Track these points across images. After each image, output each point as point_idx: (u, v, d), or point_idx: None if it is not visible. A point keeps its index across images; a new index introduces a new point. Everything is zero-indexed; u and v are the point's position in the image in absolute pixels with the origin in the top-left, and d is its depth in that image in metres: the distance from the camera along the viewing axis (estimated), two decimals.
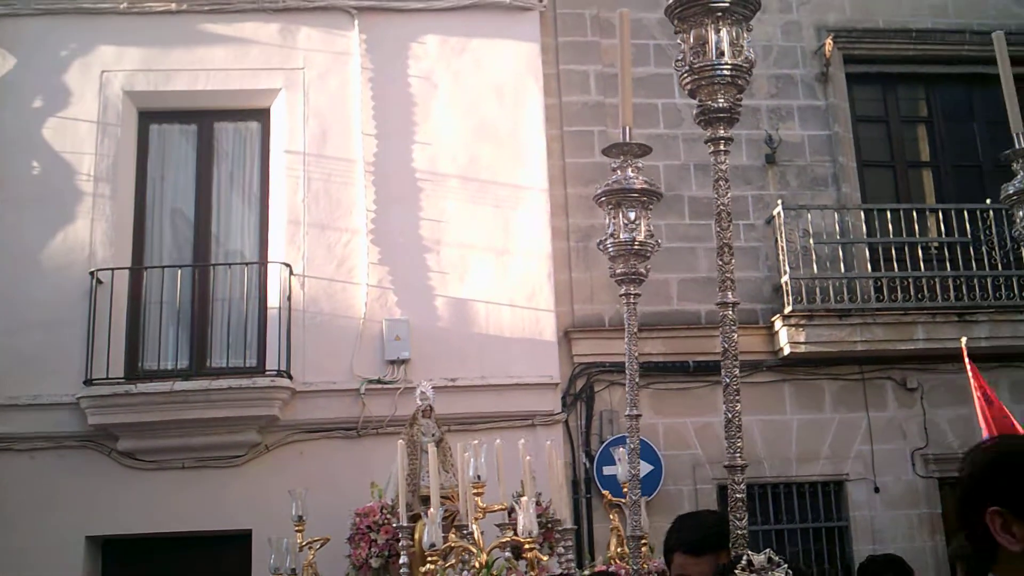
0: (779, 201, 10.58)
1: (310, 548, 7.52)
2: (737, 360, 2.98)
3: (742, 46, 3.02)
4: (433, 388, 8.28)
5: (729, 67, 2.98)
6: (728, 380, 2.94)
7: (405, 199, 10.37)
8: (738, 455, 2.88)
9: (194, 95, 10.62)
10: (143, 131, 10.70)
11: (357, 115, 10.55)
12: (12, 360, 9.63)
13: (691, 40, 3.03)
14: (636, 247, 4.11)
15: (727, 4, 2.96)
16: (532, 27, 10.95)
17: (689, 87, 3.05)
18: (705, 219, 10.59)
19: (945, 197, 11.30)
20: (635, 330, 4.16)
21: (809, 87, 11.33)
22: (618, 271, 4.24)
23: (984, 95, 11.55)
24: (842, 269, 10.49)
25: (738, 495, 2.85)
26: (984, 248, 10.54)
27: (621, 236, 4.05)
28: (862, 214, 10.79)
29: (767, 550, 2.55)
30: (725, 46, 2.97)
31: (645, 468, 8.54)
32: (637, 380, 4.18)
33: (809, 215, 10.45)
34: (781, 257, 10.42)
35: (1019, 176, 3.82)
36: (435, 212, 10.39)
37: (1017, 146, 3.83)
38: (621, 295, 4.36)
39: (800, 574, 2.94)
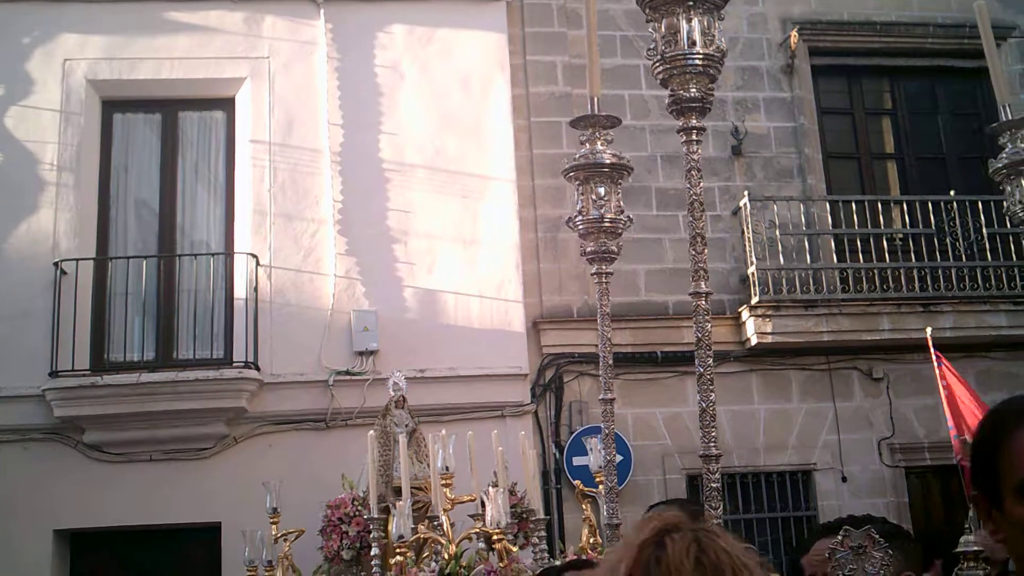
0: (745, 192, 10.64)
1: (285, 540, 7.47)
2: (711, 350, 2.97)
3: (714, 35, 3.02)
4: (411, 379, 8.22)
5: (701, 57, 2.97)
6: (702, 370, 2.94)
7: (372, 189, 10.32)
8: (713, 444, 2.89)
9: (158, 84, 10.51)
10: (107, 120, 10.58)
11: (323, 105, 10.49)
12: None
13: (663, 29, 3.02)
14: (607, 224, 4.03)
15: None
16: (499, 17, 10.92)
17: (661, 76, 3.04)
18: (672, 210, 10.64)
19: (910, 189, 11.41)
20: (607, 310, 4.10)
21: (775, 79, 11.38)
22: (588, 249, 4.16)
23: (948, 87, 11.67)
24: (808, 260, 10.55)
25: (713, 484, 2.85)
26: (948, 240, 10.64)
27: (591, 213, 3.96)
28: (828, 205, 10.87)
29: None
30: (697, 35, 2.97)
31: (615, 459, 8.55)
32: (611, 362, 4.14)
33: (775, 206, 10.51)
34: (748, 248, 10.48)
35: (1008, 149, 3.80)
36: (402, 202, 10.35)
37: (1004, 118, 3.81)
38: (593, 274, 4.29)
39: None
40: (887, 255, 10.67)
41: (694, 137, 3.09)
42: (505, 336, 10.12)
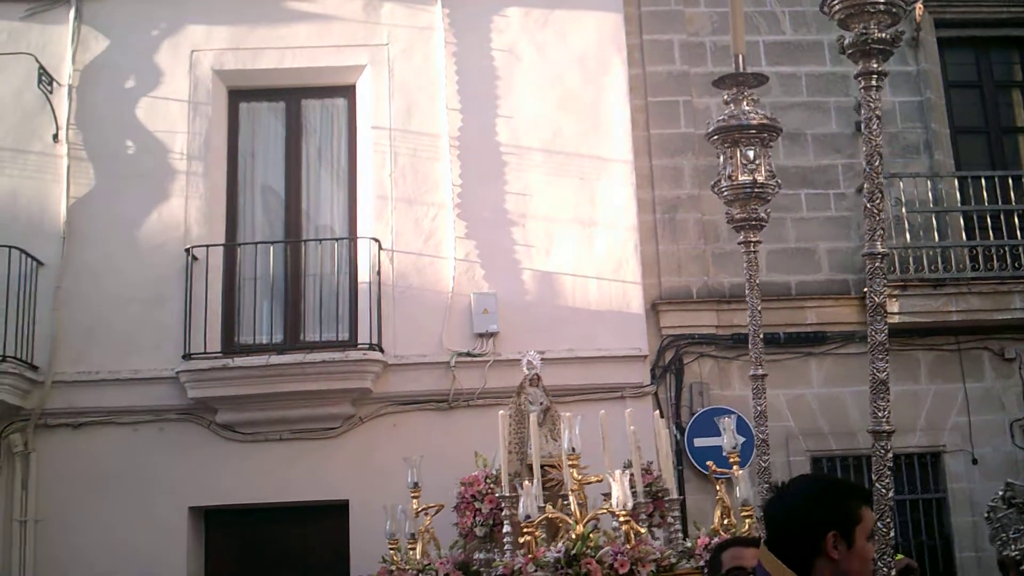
0: None
1: (426, 514, 7.58)
2: (885, 316, 2.88)
3: None
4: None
5: None
6: (875, 337, 2.84)
7: (490, 173, 10.39)
8: (885, 420, 2.82)
9: (281, 73, 10.74)
10: (233, 109, 10.86)
11: (441, 89, 10.59)
12: (113, 336, 9.91)
13: None
14: (756, 189, 3.88)
15: None
16: None
17: (839, 16, 2.92)
18: (794, 188, 10.46)
19: None
20: (756, 281, 3.97)
21: (899, 52, 10.95)
22: (736, 216, 4.01)
23: None
24: (936, 238, 10.30)
25: (884, 462, 2.80)
26: None
27: (739, 177, 3.83)
28: (956, 182, 10.60)
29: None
30: None
31: (738, 440, 8.47)
32: (761, 335, 4.02)
33: (901, 183, 10.26)
34: None
35: None
36: (520, 185, 10.40)
37: None
38: (740, 242, 4.14)
39: None
40: (1018, 232, 10.34)
41: (874, 83, 2.95)
42: (624, 318, 10.11)
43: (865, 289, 9.55)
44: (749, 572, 3.41)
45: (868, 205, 2.91)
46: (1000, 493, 6.55)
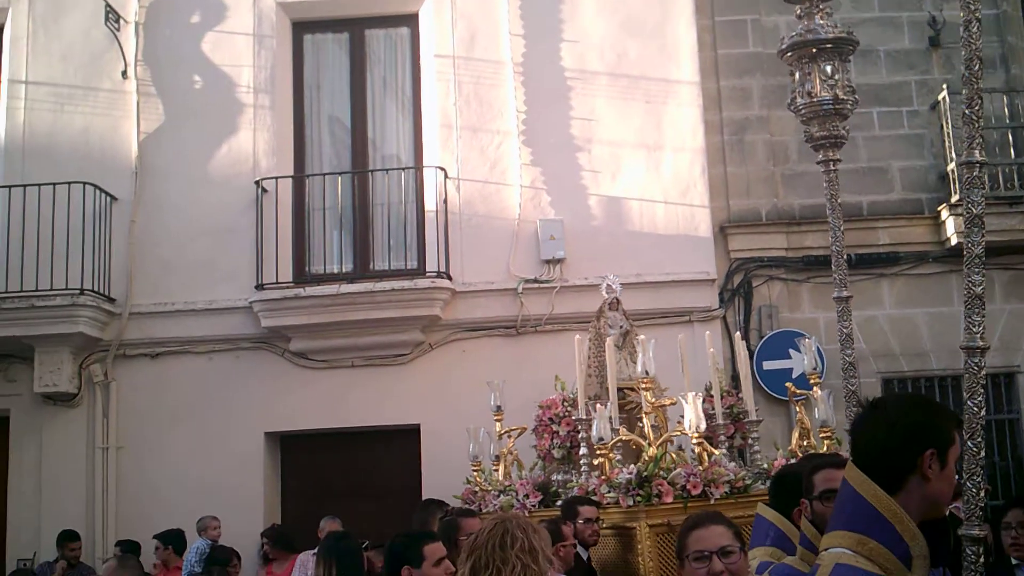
0: (944, 85, 10.15)
1: (508, 437, 7.69)
2: (982, 228, 2.82)
3: None
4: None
5: None
6: (972, 249, 2.79)
7: (555, 99, 10.32)
8: (979, 335, 2.80)
9: (344, 3, 10.76)
10: (297, 41, 10.91)
11: (504, 16, 10.49)
12: (187, 267, 10.12)
13: None
14: (835, 106, 3.75)
15: None
16: None
17: None
18: (866, 107, 10.20)
19: None
20: (838, 201, 3.85)
21: None
22: (816, 134, 3.89)
23: None
24: (1012, 155, 10.03)
25: (977, 379, 2.80)
26: None
27: (819, 93, 3.69)
28: None
29: None
30: None
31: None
32: (844, 257, 3.92)
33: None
34: (947, 144, 10.04)
35: None
36: (585, 111, 10.32)
37: None
38: (819, 162, 4.03)
39: None
40: None
41: None
42: (692, 241, 10.05)
43: (931, 212, 9.29)
44: None
45: (967, 111, 2.84)
46: None
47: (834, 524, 2.56)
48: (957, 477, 2.69)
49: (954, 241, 9.84)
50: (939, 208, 10.03)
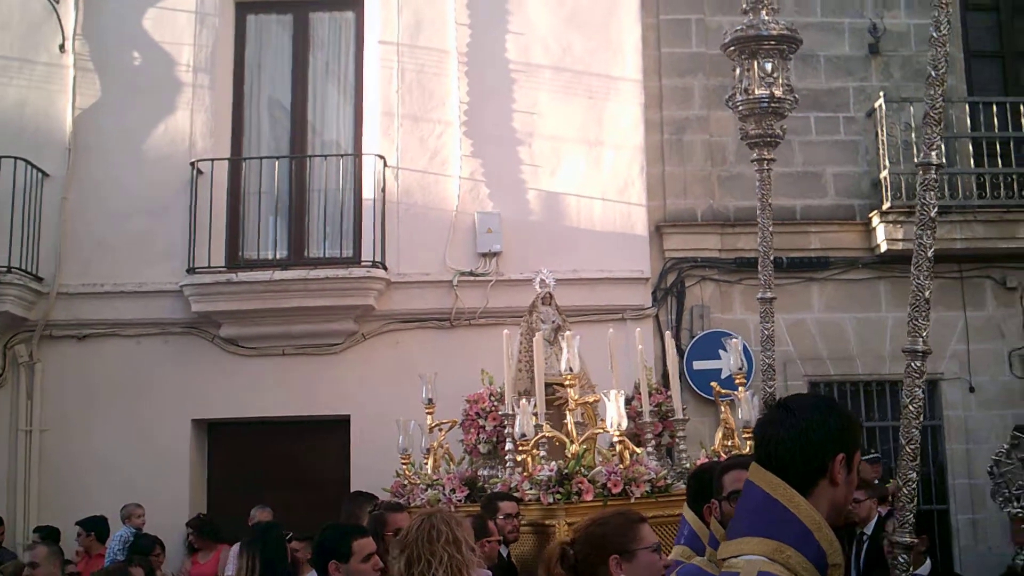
0: (881, 93, 10.29)
1: (440, 430, 7.68)
2: (934, 230, 2.83)
3: None
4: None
5: None
6: (922, 252, 2.82)
7: (498, 90, 10.31)
8: (923, 339, 2.81)
9: None
10: (240, 22, 10.77)
11: (450, 4, 10.44)
12: (118, 248, 9.98)
13: None
14: (772, 104, 3.72)
15: None
16: None
17: None
18: (803, 111, 10.31)
19: None
20: (769, 201, 3.81)
21: None
22: (751, 132, 3.84)
23: None
24: (944, 165, 10.17)
25: (917, 383, 2.84)
26: None
27: (756, 91, 3.66)
28: (967, 107, 10.45)
29: None
30: None
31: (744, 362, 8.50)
32: (771, 257, 3.90)
33: (912, 108, 10.12)
34: (881, 151, 10.18)
35: None
36: (528, 103, 10.32)
37: None
38: (753, 160, 3.99)
39: None
40: None
41: None
42: (627, 239, 10.10)
43: (863, 219, 9.42)
44: None
45: (930, 112, 2.82)
46: (1006, 446, 6.23)
47: (742, 529, 2.41)
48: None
49: (884, 248, 10.00)
50: (870, 215, 10.18)
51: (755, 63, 3.65)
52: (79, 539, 8.79)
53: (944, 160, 9.89)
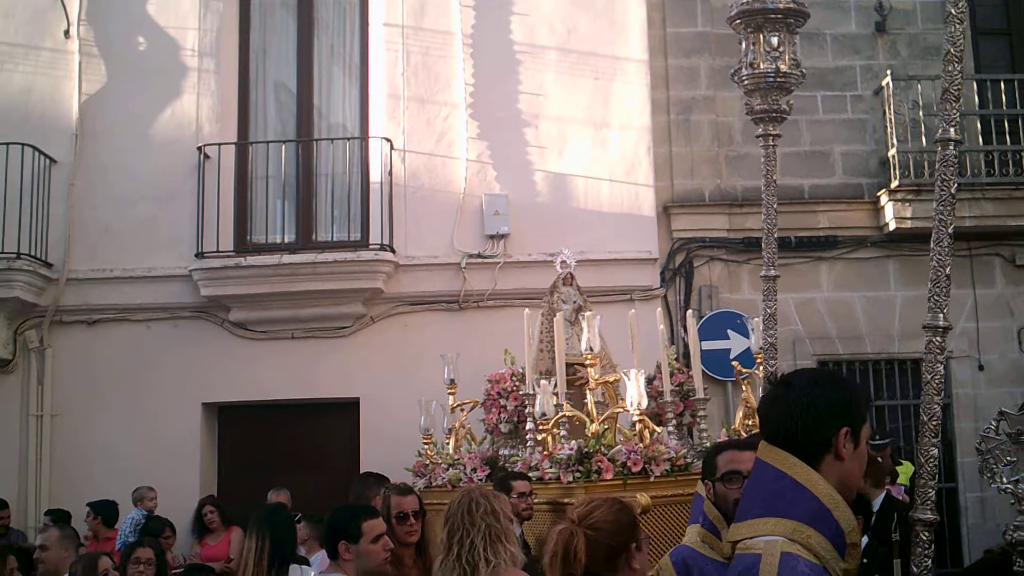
0: (888, 71, 10.25)
1: (461, 410, 7.69)
2: (953, 206, 2.87)
3: None
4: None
5: None
6: (942, 228, 2.89)
7: (503, 72, 10.28)
8: (943, 315, 2.80)
9: None
10: (244, 5, 10.73)
11: None
12: (127, 233, 9.99)
13: None
14: (778, 78, 3.67)
15: None
16: None
17: None
18: (810, 90, 10.30)
19: None
20: (774, 178, 3.75)
21: None
22: (756, 107, 3.79)
23: None
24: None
25: (938, 359, 2.89)
26: None
27: (761, 65, 3.62)
28: (975, 85, 10.39)
29: None
30: None
31: (746, 343, 8.50)
32: (775, 234, 3.86)
33: (919, 86, 10.09)
34: (889, 130, 10.15)
35: None
36: (533, 85, 10.29)
37: None
38: (758, 135, 3.94)
39: None
40: None
41: None
42: (635, 220, 10.08)
43: (871, 197, 9.40)
44: (745, 476, 3.27)
45: (949, 89, 2.79)
46: (994, 423, 6.25)
47: (756, 509, 2.37)
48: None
49: (892, 226, 9.98)
50: (879, 193, 10.15)
51: (761, 37, 3.60)
52: (87, 520, 8.83)
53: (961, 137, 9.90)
